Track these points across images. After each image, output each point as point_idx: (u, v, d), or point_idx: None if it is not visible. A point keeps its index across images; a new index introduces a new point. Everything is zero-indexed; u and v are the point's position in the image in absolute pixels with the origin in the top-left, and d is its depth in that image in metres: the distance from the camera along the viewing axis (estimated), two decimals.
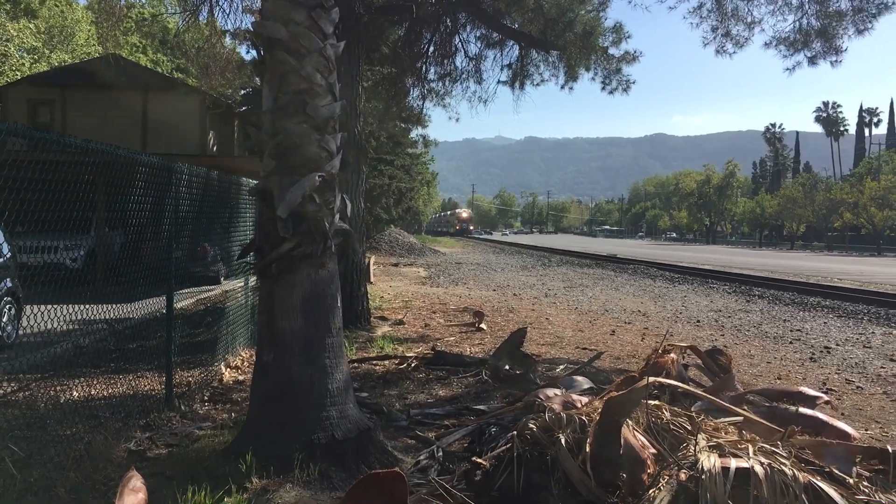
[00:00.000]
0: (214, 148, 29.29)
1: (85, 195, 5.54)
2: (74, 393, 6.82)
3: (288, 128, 5.34)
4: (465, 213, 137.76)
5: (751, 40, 12.71)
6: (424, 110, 19.82)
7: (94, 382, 7.07)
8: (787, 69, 12.27)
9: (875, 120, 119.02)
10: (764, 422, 4.58)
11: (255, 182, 6.97)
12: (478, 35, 16.26)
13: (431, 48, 16.42)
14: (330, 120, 5.55)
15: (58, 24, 41.80)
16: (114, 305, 6.46)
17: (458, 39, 16.41)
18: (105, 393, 6.91)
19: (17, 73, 36.14)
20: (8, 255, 10.07)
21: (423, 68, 16.84)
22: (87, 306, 5.91)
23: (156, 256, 7.11)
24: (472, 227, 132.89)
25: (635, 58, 15.07)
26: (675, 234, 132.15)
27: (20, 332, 9.57)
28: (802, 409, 4.98)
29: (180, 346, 7.77)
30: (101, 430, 5.80)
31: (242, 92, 28.57)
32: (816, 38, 11.76)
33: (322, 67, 5.50)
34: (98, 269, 10.10)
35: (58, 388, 6.73)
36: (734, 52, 12.92)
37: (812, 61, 12.00)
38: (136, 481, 4.05)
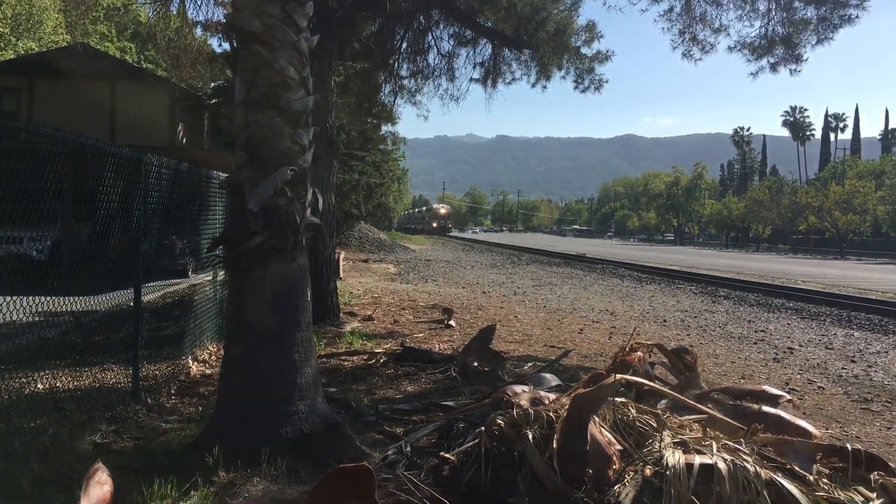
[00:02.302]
0: (184, 140, 28.98)
1: (51, 185, 5.47)
2: (39, 385, 6.73)
3: (260, 121, 5.32)
4: (443, 209, 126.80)
5: (716, 47, 12.90)
6: (396, 107, 19.79)
7: (59, 375, 6.98)
8: (751, 74, 12.48)
9: (841, 125, 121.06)
10: (728, 419, 4.66)
11: (226, 175, 6.93)
12: (451, 33, 16.28)
13: (404, 45, 16.40)
14: (303, 114, 5.54)
15: (25, 11, 41.03)
16: (80, 298, 6.38)
17: (430, 36, 16.41)
18: (70, 385, 6.83)
19: None
20: None
21: (396, 65, 16.81)
22: (53, 298, 5.82)
23: (124, 248, 7.03)
24: (450, 225, 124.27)
25: (608, 57, 15.19)
26: (644, 235, 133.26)
27: None
28: (765, 408, 5.06)
29: (147, 340, 7.69)
30: (66, 422, 5.73)
31: (213, 84, 28.30)
32: (779, 45, 11.97)
33: (295, 61, 5.48)
34: (64, 260, 9.94)
35: (22, 379, 6.63)
36: (699, 59, 13.10)
37: (773, 68, 12.22)
38: (101, 474, 4.01)
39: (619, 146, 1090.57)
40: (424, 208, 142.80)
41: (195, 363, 8.77)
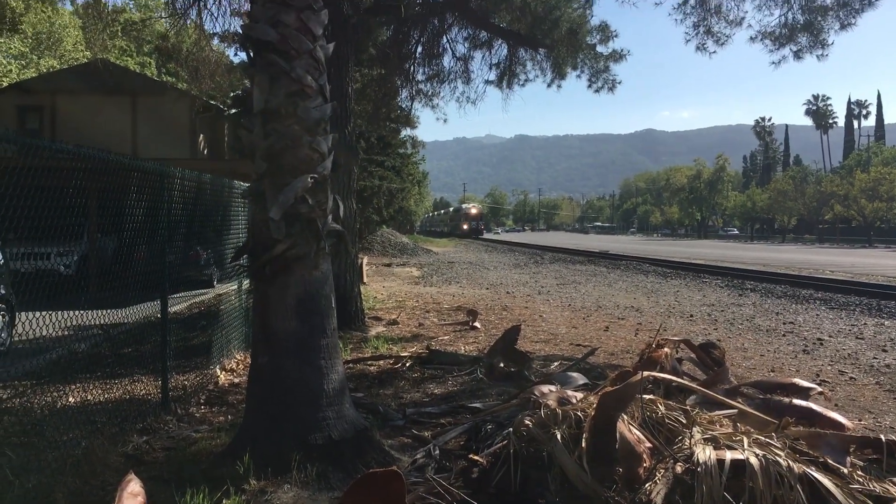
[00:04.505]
0: (205, 151, 29.24)
1: (77, 201, 5.53)
2: (70, 399, 6.81)
3: (279, 130, 5.35)
4: (474, 208, 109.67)
5: (732, 39, 12.80)
6: (413, 111, 19.86)
7: (90, 388, 7.06)
8: (773, 63, 12.35)
9: (864, 112, 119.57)
10: (758, 414, 4.62)
11: (247, 184, 6.98)
12: (465, 35, 16.33)
13: (419, 49, 16.46)
14: (321, 121, 5.56)
15: (45, 29, 41.60)
16: (108, 311, 6.45)
17: (445, 40, 16.46)
18: (101, 398, 6.90)
19: (5, 79, 35.97)
20: (0, 263, 10.03)
21: (412, 69, 16.88)
22: (81, 312, 5.90)
23: (150, 261, 7.10)
24: (482, 227, 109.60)
25: (622, 56, 15.15)
26: (667, 230, 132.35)
27: (14, 338, 9.53)
28: (796, 401, 5.02)
29: (175, 350, 7.76)
30: (98, 435, 5.79)
31: (232, 94, 28.53)
32: (802, 33, 11.84)
33: (312, 69, 5.50)
34: (91, 274, 10.07)
35: (54, 393, 6.72)
36: (714, 52, 13.00)
37: (797, 55, 12.08)
38: (134, 485, 4.05)
39: (640, 141, 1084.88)
40: (451, 209, 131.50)
41: (223, 372, 8.84)
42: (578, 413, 4.48)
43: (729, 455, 3.77)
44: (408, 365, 9.31)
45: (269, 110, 5.37)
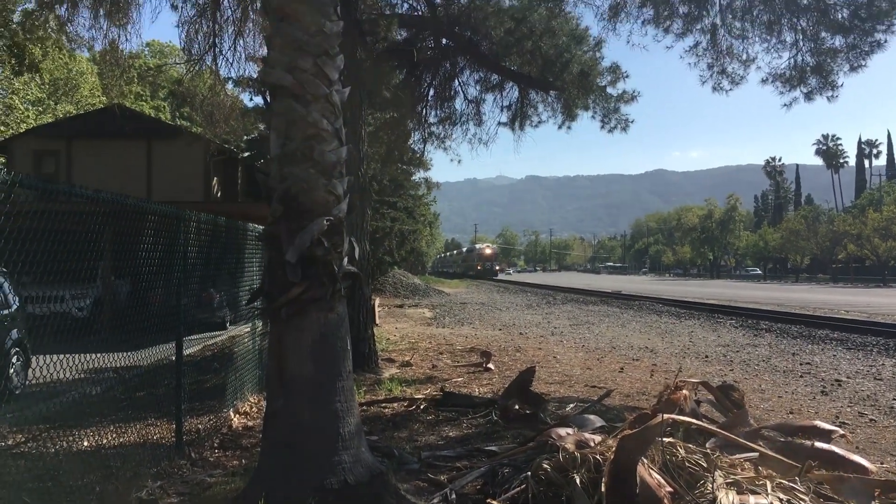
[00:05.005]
0: (219, 194, 29.49)
1: (92, 245, 5.56)
2: (85, 442, 6.79)
3: (296, 173, 5.39)
4: (489, 248, 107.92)
5: (746, 78, 12.87)
6: (426, 153, 20.00)
7: (104, 432, 7.03)
8: (785, 105, 12.38)
9: (875, 152, 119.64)
10: (780, 457, 4.55)
11: (261, 227, 7.02)
12: (477, 78, 16.52)
13: (432, 92, 16.64)
14: (337, 164, 5.60)
15: (62, 76, 42.34)
16: (122, 354, 6.45)
17: (457, 83, 16.67)
18: (115, 442, 6.87)
19: (23, 125, 36.53)
20: (15, 307, 10.08)
21: (424, 112, 17.05)
22: (95, 355, 5.90)
23: (165, 304, 7.12)
24: (498, 268, 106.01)
25: (633, 97, 15.30)
26: (679, 270, 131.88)
27: (28, 382, 9.54)
28: (818, 444, 4.94)
29: (189, 393, 7.75)
30: (113, 479, 5.76)
31: (246, 138, 28.85)
32: (812, 75, 11.89)
33: (328, 113, 5.56)
34: (104, 318, 10.09)
35: (68, 438, 6.70)
36: (730, 90, 13.06)
37: (808, 97, 12.12)
38: None
39: (650, 181, 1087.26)
40: (465, 249, 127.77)
41: (237, 415, 8.81)
42: (597, 456, 4.43)
43: (752, 500, 3.72)
44: (422, 407, 9.25)
45: (286, 154, 5.42)
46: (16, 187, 4.25)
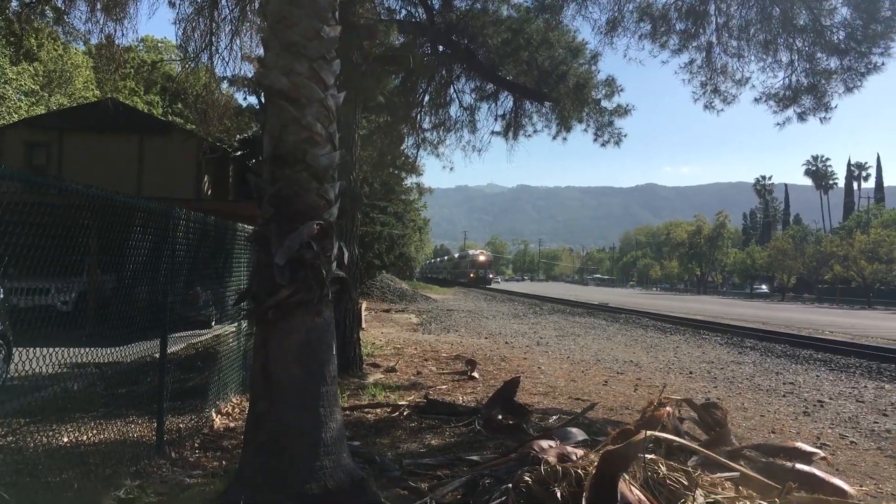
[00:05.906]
0: (209, 191, 29.39)
1: (81, 239, 5.52)
2: (64, 438, 6.73)
3: (288, 176, 5.38)
4: (482, 255, 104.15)
5: (738, 98, 12.93)
6: (419, 158, 20.01)
7: (84, 428, 6.98)
8: (778, 124, 12.43)
9: (864, 174, 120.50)
10: (761, 478, 4.57)
11: (251, 227, 6.99)
12: (472, 87, 16.53)
13: (427, 98, 16.64)
14: (329, 169, 5.60)
15: (57, 67, 42.15)
16: (105, 350, 6.40)
17: (452, 90, 16.68)
18: (95, 439, 6.82)
19: (15, 115, 36.33)
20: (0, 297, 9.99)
21: (418, 117, 17.05)
22: (78, 350, 5.85)
23: (151, 300, 7.07)
24: (491, 276, 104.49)
25: (627, 111, 15.36)
26: (666, 284, 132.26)
27: (9, 375, 9.45)
28: (799, 466, 4.96)
29: (171, 392, 7.69)
30: (91, 476, 5.71)
31: (239, 137, 28.77)
32: (806, 95, 11.94)
33: (322, 117, 5.56)
34: (89, 312, 10.01)
35: (48, 433, 6.64)
36: (722, 110, 13.12)
37: (801, 117, 12.17)
38: None
39: (641, 195, 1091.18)
40: (456, 255, 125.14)
41: (219, 416, 8.75)
42: (579, 471, 4.43)
43: None
44: (405, 414, 9.23)
45: (279, 156, 5.41)
46: (5, 180, 4.22)
